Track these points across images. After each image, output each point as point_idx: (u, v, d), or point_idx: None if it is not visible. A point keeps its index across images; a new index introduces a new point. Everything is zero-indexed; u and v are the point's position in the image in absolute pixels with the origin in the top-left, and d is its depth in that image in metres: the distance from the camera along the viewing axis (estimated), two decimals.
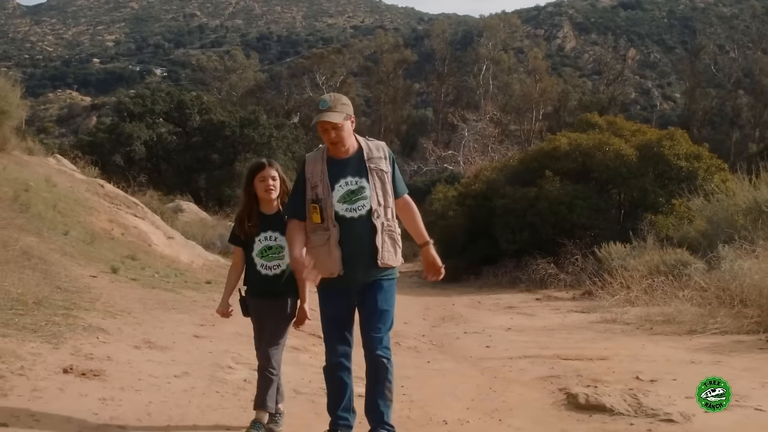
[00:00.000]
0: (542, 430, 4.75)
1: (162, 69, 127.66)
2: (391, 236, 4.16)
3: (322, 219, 4.11)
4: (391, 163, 4.29)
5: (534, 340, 8.62)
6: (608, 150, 18.57)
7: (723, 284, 9.66)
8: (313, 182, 4.16)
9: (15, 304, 6.22)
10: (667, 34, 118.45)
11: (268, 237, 4.48)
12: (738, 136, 55.19)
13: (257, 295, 4.51)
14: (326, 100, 4.16)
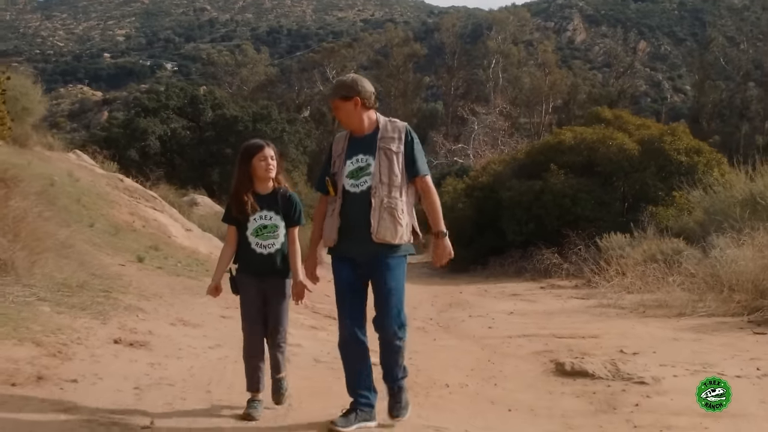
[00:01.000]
0: (532, 391, 5.47)
1: (172, 63, 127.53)
2: (391, 213, 4.24)
3: (335, 191, 4.36)
4: (407, 143, 4.38)
5: (533, 322, 9.28)
6: (612, 144, 19.12)
7: (712, 270, 10.29)
8: (333, 158, 4.45)
9: (61, 287, 6.95)
10: (677, 26, 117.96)
11: (263, 216, 4.54)
12: (747, 129, 55.14)
13: (252, 274, 4.57)
14: (335, 82, 4.57)
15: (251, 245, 4.53)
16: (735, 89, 60.00)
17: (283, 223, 4.57)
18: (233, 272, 4.62)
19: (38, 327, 5.40)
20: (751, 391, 5.07)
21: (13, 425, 3.73)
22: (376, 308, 4.34)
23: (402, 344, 4.36)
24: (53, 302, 6.25)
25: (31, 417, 3.89)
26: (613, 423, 4.48)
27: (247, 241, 4.54)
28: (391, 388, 4.42)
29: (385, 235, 4.22)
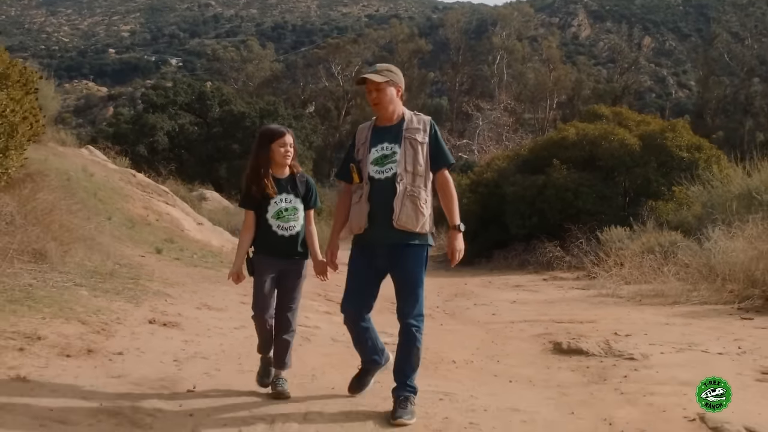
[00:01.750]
0: (531, 366, 5.98)
1: (177, 59, 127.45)
2: (413, 201, 4.32)
3: (360, 178, 4.41)
4: (431, 135, 4.47)
5: (535, 310, 9.77)
6: (613, 140, 19.52)
7: (706, 261, 10.78)
8: (357, 146, 4.52)
9: (93, 274, 7.47)
10: (682, 22, 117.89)
11: (283, 199, 4.66)
12: (751, 125, 55.18)
13: (272, 256, 4.66)
14: (375, 65, 4.53)
15: (272, 227, 4.65)
16: (739, 85, 60.02)
17: (302, 206, 4.72)
18: (250, 254, 4.72)
19: (80, 308, 5.94)
20: (729, 366, 5.57)
21: (73, 388, 4.26)
22: (398, 297, 4.48)
23: (419, 336, 4.50)
24: (89, 287, 6.79)
25: (88, 381, 4.44)
26: (603, 391, 4.98)
27: (267, 224, 4.65)
28: (398, 397, 4.37)
29: (407, 223, 4.31)
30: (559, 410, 4.49)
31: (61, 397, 4.03)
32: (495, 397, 4.77)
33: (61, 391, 4.12)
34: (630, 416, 4.28)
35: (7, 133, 6.99)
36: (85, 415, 3.81)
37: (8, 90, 7.33)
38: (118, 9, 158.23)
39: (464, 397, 4.72)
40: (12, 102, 7.08)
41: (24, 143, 7.65)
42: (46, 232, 8.26)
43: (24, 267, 6.73)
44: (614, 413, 4.35)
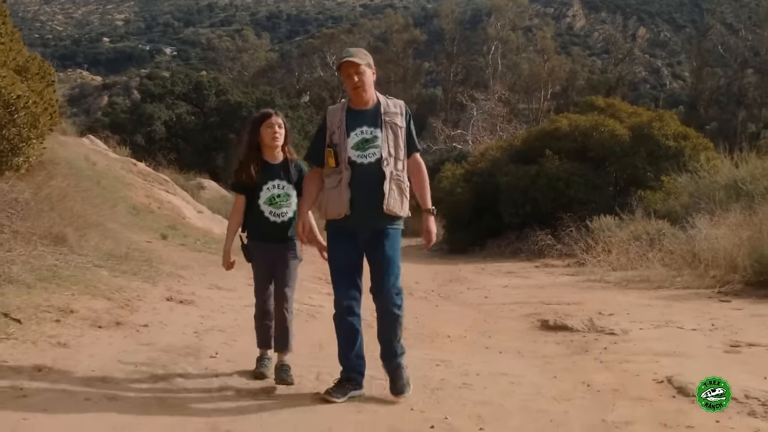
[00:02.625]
0: (520, 341, 6.51)
1: (172, 48, 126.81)
2: (398, 186, 4.36)
3: (336, 163, 4.32)
4: (406, 120, 4.49)
5: (525, 293, 10.26)
6: (604, 130, 20.01)
7: (689, 248, 11.29)
8: (331, 130, 4.39)
9: (110, 257, 7.95)
10: (677, 13, 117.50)
11: (276, 185, 4.65)
12: (744, 116, 55.61)
13: (265, 241, 4.67)
14: (349, 50, 4.45)
15: (264, 213, 4.65)
16: (732, 76, 60.25)
17: (294, 192, 4.70)
18: (244, 240, 4.75)
19: (103, 286, 6.42)
20: (701, 340, 6.08)
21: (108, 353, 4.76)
22: (374, 277, 4.43)
23: (400, 313, 4.45)
24: (108, 268, 7.27)
25: (121, 348, 4.96)
26: (584, 360, 5.49)
27: (259, 210, 4.65)
28: (391, 367, 4.45)
29: (394, 207, 4.33)
30: (544, 375, 5.01)
31: (100, 361, 4.54)
32: (486, 365, 5.28)
33: (99, 356, 4.63)
34: (606, 380, 4.81)
35: (30, 124, 7.44)
36: (123, 375, 4.34)
37: (28, 83, 7.78)
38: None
39: (458, 364, 5.22)
40: (33, 94, 7.53)
41: (45, 133, 8.11)
42: (62, 218, 8.72)
43: (46, 249, 7.19)
44: (592, 377, 4.87)
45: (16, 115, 7.19)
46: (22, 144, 7.49)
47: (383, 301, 4.40)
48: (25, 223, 7.83)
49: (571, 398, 4.41)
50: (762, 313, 7.46)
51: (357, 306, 4.45)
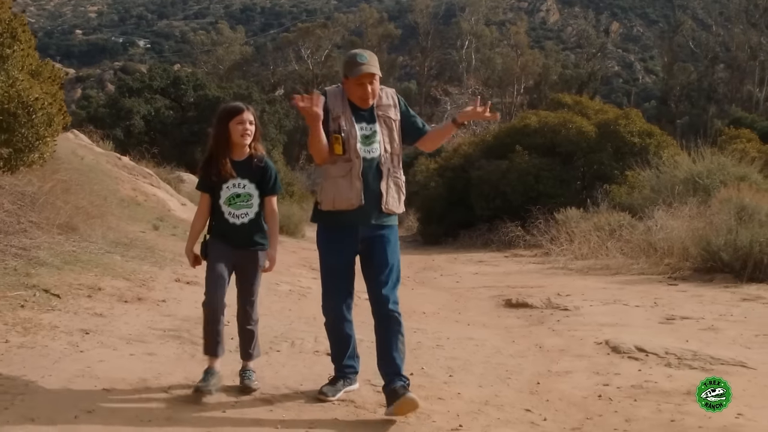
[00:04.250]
0: (486, 316, 7.46)
1: (145, 41, 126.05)
2: (396, 183, 4.25)
3: (344, 150, 4.10)
4: (402, 109, 4.35)
5: (493, 279, 11.20)
6: (571, 127, 20.93)
7: (646, 238, 12.29)
8: (335, 114, 4.17)
9: (117, 245, 8.77)
10: (650, 8, 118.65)
11: (237, 184, 4.29)
12: (714, 111, 56.41)
13: (225, 243, 4.33)
14: (365, 55, 4.17)
15: (224, 214, 4.32)
16: (703, 72, 61.37)
17: (257, 192, 4.35)
18: (206, 238, 4.46)
19: (120, 269, 7.26)
20: (641, 314, 7.06)
21: (139, 321, 5.61)
22: (374, 282, 4.21)
23: (401, 319, 4.28)
24: (119, 254, 8.10)
25: (147, 318, 5.83)
26: (539, 329, 6.45)
27: (220, 210, 4.32)
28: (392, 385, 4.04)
29: (393, 206, 4.23)
30: (504, 340, 5.95)
31: (133, 327, 5.39)
32: (456, 332, 6.22)
33: (132, 323, 5.48)
34: (555, 343, 5.77)
35: (46, 123, 8.20)
36: (155, 338, 5.20)
37: (41, 85, 8.53)
38: None
39: (432, 332, 6.15)
40: (48, 96, 8.28)
41: (58, 131, 8.87)
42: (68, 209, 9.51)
43: (62, 237, 7.98)
44: (544, 341, 5.83)
45: (34, 115, 7.95)
46: (38, 142, 8.25)
47: (383, 308, 4.18)
48: (39, 214, 8.62)
49: (525, 356, 5.36)
50: (701, 294, 8.44)
51: (349, 311, 4.32)
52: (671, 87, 61.22)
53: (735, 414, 3.92)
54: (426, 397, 4.19)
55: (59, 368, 4.23)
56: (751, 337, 5.91)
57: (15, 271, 6.07)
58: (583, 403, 4.25)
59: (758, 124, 38.55)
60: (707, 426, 3.75)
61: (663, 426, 3.80)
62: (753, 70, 57.89)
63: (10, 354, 4.39)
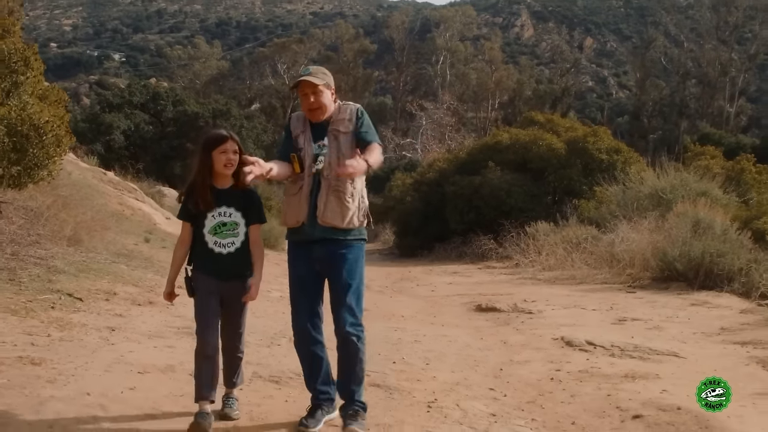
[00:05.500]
0: (458, 318, 8.29)
1: (120, 54, 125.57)
2: (338, 197, 4.13)
3: (301, 168, 4.14)
4: (356, 123, 4.24)
5: (466, 288, 12.02)
6: (542, 144, 21.80)
7: (609, 250, 13.16)
8: (295, 134, 4.24)
9: (119, 255, 9.52)
10: (623, 24, 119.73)
11: (223, 213, 4.19)
12: (686, 126, 57.13)
13: (209, 275, 4.22)
14: (309, 68, 4.25)
15: (209, 244, 4.20)
16: (675, 87, 62.34)
17: (243, 221, 4.23)
18: (188, 272, 4.35)
19: (128, 277, 8.02)
20: (597, 316, 7.93)
21: (154, 321, 6.37)
22: (333, 303, 4.19)
23: (361, 346, 4.18)
24: (123, 263, 8.86)
25: (161, 318, 6.60)
26: (505, 329, 7.30)
27: (203, 240, 4.21)
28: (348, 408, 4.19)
29: (333, 219, 4.12)
30: (473, 337, 6.79)
31: (151, 326, 6.15)
32: (431, 331, 7.04)
33: (149, 322, 6.24)
34: (518, 339, 6.62)
35: (55, 144, 8.91)
36: (171, 333, 5.99)
37: (48, 108, 9.24)
38: (59, 2, 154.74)
39: (411, 330, 6.97)
40: (56, 119, 9.00)
41: (66, 151, 9.59)
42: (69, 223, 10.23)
43: (70, 249, 8.71)
44: (509, 338, 6.69)
45: (44, 137, 8.67)
46: (47, 161, 8.97)
47: (340, 330, 4.14)
48: (45, 227, 9.35)
49: (491, 349, 6.21)
50: (655, 300, 9.31)
51: (316, 330, 4.23)
52: (644, 102, 62.05)
53: (660, 390, 4.79)
54: (407, 379, 5.02)
55: (98, 357, 5.02)
56: (689, 334, 6.78)
57: (39, 277, 6.82)
58: (538, 384, 5.12)
59: (725, 140, 39.81)
60: (635, 399, 4.61)
61: (600, 399, 4.66)
62: (723, 86, 58.72)
63: (54, 345, 5.18)
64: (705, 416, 4.16)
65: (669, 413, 4.29)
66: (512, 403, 4.66)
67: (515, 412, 4.49)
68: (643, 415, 4.30)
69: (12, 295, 6.15)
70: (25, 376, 4.40)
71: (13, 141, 8.50)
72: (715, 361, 5.61)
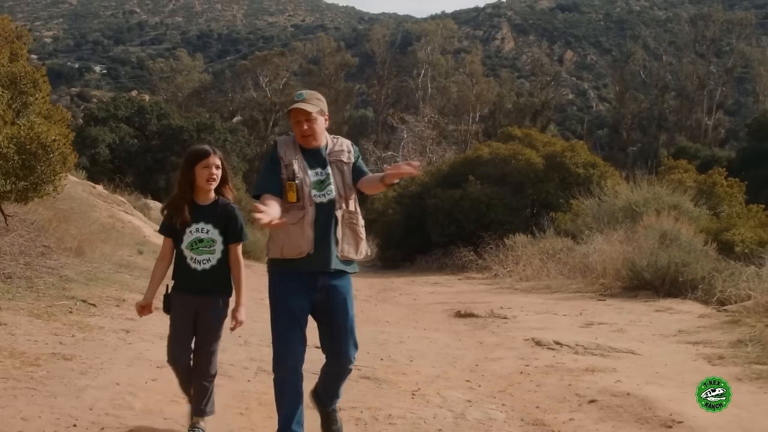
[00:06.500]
0: (439, 324, 8.97)
1: (101, 66, 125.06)
2: (352, 228, 4.12)
3: (298, 198, 3.98)
4: (354, 156, 4.23)
5: (447, 297, 12.70)
6: (521, 159, 22.53)
7: (583, 260, 13.85)
8: (286, 161, 4.05)
9: (120, 266, 10.14)
10: (603, 37, 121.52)
11: (200, 229, 4.15)
12: (665, 139, 58.39)
13: (185, 291, 4.21)
14: (303, 93, 4.16)
15: (186, 259, 4.19)
16: (654, 101, 62.97)
17: (221, 238, 4.18)
18: (168, 289, 4.33)
19: (132, 285, 8.63)
20: (567, 321, 8.64)
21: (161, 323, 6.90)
22: (335, 337, 4.09)
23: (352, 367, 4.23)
24: (126, 273, 9.48)
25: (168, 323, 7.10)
26: (482, 332, 7.99)
27: (182, 255, 4.20)
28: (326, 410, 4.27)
29: (349, 252, 4.10)
30: (453, 339, 7.47)
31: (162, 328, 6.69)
32: (414, 334, 7.70)
33: (159, 325, 6.78)
34: (493, 340, 7.29)
35: (61, 161, 9.50)
36: None
37: (54, 127, 9.83)
38: (40, 14, 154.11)
39: (395, 333, 7.65)
40: (61, 137, 9.59)
41: (71, 168, 10.19)
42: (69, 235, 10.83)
43: (75, 259, 9.31)
44: (484, 339, 7.36)
45: (51, 154, 9.26)
46: (53, 177, 9.56)
47: (343, 363, 4.13)
48: (49, 239, 9.94)
49: (468, 349, 6.89)
50: (622, 307, 10.00)
51: (301, 365, 4.05)
52: (623, 115, 62.53)
53: (615, 381, 5.49)
54: (394, 373, 5.69)
55: (119, 354, 5.65)
56: (648, 335, 7.48)
57: (53, 285, 7.43)
58: (509, 376, 5.82)
59: (701, 152, 40.71)
60: (592, 387, 5.31)
61: (562, 388, 5.35)
62: (702, 99, 59.52)
63: (80, 344, 5.81)
64: (649, 399, 4.87)
65: (619, 398, 4.99)
66: (485, 392, 5.34)
67: (488, 399, 5.17)
68: (597, 400, 5.00)
69: (33, 301, 6.77)
70: (61, 369, 5.05)
71: (22, 158, 9.10)
72: (666, 358, 6.32)
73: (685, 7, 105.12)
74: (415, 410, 4.81)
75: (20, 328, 5.96)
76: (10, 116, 9.22)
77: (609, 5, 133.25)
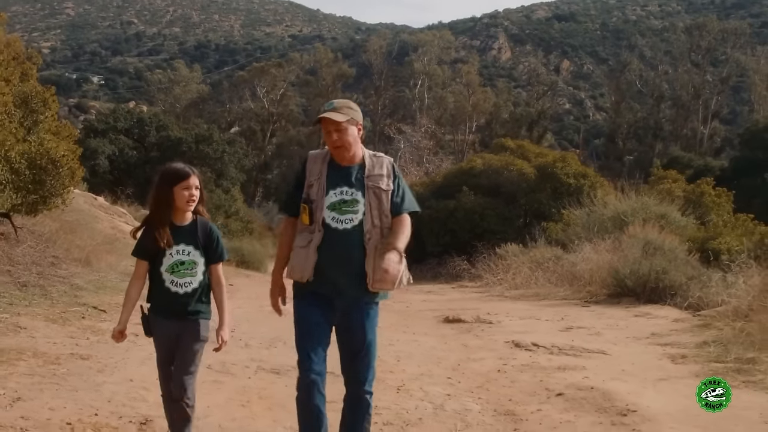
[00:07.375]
0: (428, 328, 9.48)
1: (99, 77, 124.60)
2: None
3: (310, 221, 3.86)
4: (394, 181, 4.02)
5: (438, 304, 13.18)
6: (513, 170, 23.13)
7: (571, 269, 14.35)
8: (309, 181, 3.93)
9: (126, 275, 10.55)
10: (600, 46, 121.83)
11: (181, 251, 4.01)
12: (661, 148, 58.36)
13: (165, 316, 4.09)
14: (333, 102, 4.00)
15: (165, 283, 4.05)
16: (649, 110, 63.25)
17: (202, 260, 4.05)
18: (146, 311, 4.20)
19: None
20: (548, 325, 9.17)
21: None
22: (350, 360, 4.00)
23: (371, 402, 4.06)
24: None
25: None
26: (467, 335, 8.52)
27: (161, 279, 4.06)
28: None
29: (383, 284, 3.85)
30: (439, 342, 8.00)
31: None
32: (403, 338, 8.22)
33: None
34: (477, 343, 7.81)
35: (70, 176, 10.03)
36: None
37: (62, 143, 10.37)
38: (38, 25, 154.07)
39: (386, 336, 8.09)
40: (70, 153, 10.12)
41: (79, 182, 10.73)
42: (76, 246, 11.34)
43: (84, 269, 9.83)
44: (469, 342, 7.87)
45: (60, 169, 9.80)
46: (62, 191, 10.09)
47: (357, 388, 4.00)
48: (58, 250, 10.46)
49: (453, 350, 7.42)
50: (603, 312, 10.54)
51: (323, 383, 3.90)
52: (619, 125, 62.63)
53: (583, 377, 6.01)
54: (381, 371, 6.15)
55: (131, 354, 6.17)
56: (622, 338, 8.01)
57: (66, 293, 7.96)
58: (487, 374, 6.37)
59: (694, 162, 41.19)
60: (561, 383, 5.85)
61: (534, 384, 5.90)
62: (697, 109, 59.72)
63: (94, 346, 6.37)
64: (610, 393, 5.42)
65: (584, 392, 5.54)
66: (464, 387, 5.88)
67: (466, 393, 5.71)
68: (564, 393, 5.55)
69: (48, 307, 7.30)
70: (79, 367, 5.60)
71: (33, 173, 9.64)
72: (633, 357, 6.87)
73: (681, 16, 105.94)
74: (399, 402, 5.35)
75: (39, 332, 6.49)
76: (21, 133, 9.76)
77: (605, 15, 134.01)
